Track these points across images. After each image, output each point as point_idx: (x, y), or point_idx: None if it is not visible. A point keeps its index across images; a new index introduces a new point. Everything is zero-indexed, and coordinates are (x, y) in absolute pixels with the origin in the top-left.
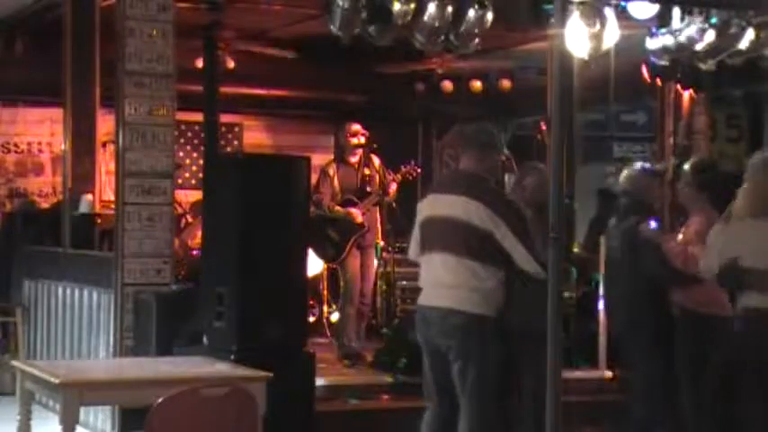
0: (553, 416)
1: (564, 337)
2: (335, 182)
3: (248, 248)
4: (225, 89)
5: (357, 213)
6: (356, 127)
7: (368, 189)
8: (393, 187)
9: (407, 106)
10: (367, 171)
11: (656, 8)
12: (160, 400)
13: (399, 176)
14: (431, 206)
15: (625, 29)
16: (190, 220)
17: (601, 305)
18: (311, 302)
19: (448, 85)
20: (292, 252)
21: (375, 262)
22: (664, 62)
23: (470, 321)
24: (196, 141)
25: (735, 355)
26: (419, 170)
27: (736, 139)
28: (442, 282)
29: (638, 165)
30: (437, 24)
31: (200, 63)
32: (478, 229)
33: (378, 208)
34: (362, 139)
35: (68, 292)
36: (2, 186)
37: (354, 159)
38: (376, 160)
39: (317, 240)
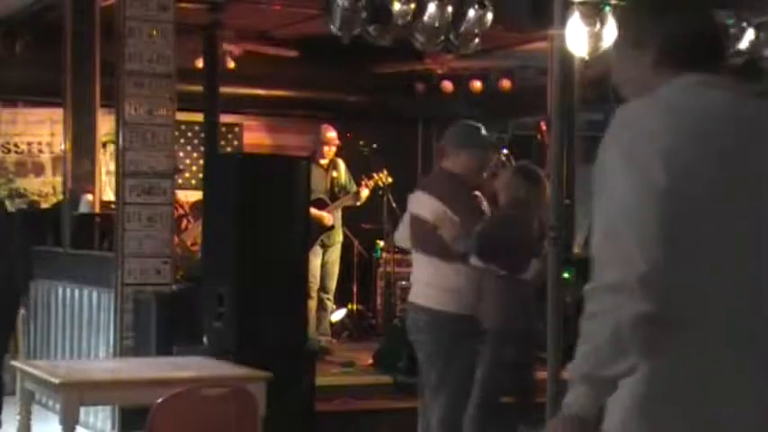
0: (553, 415)
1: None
2: None
3: (248, 248)
4: (225, 89)
5: (325, 213)
6: (331, 135)
7: (335, 190)
8: (365, 192)
9: (407, 106)
10: (335, 173)
11: None
12: (160, 400)
13: (372, 183)
14: (410, 204)
15: None
16: (191, 221)
17: None
18: None
19: (448, 85)
20: (292, 252)
21: (338, 259)
22: None
23: (432, 317)
24: (196, 141)
25: None
26: (390, 179)
27: None
28: (415, 279)
29: None
30: (437, 24)
31: (200, 63)
32: (433, 224)
33: (341, 209)
34: (334, 149)
35: (68, 292)
36: (2, 186)
37: (324, 161)
38: (341, 164)
39: None
